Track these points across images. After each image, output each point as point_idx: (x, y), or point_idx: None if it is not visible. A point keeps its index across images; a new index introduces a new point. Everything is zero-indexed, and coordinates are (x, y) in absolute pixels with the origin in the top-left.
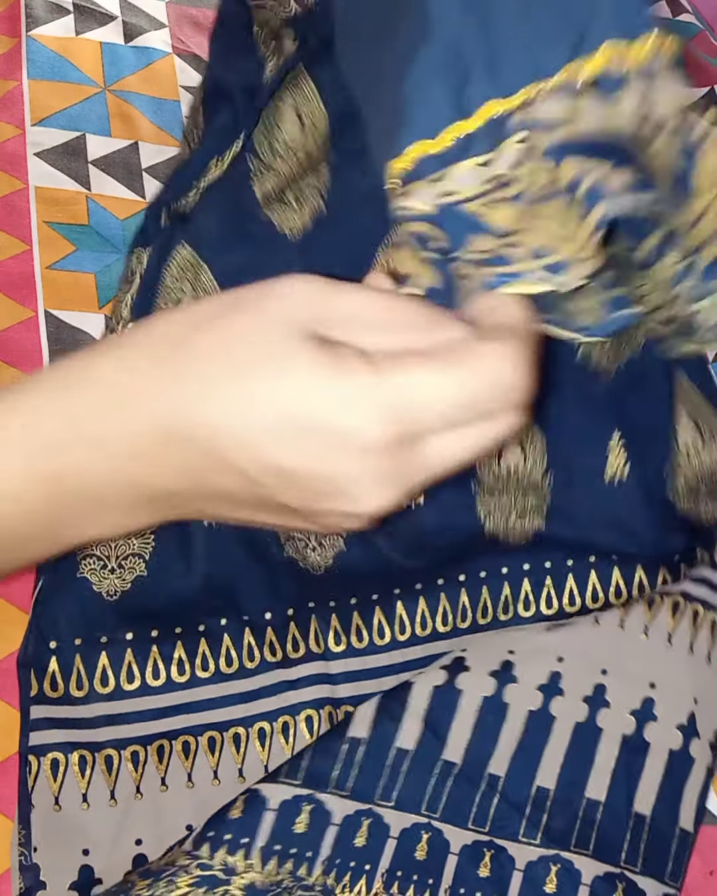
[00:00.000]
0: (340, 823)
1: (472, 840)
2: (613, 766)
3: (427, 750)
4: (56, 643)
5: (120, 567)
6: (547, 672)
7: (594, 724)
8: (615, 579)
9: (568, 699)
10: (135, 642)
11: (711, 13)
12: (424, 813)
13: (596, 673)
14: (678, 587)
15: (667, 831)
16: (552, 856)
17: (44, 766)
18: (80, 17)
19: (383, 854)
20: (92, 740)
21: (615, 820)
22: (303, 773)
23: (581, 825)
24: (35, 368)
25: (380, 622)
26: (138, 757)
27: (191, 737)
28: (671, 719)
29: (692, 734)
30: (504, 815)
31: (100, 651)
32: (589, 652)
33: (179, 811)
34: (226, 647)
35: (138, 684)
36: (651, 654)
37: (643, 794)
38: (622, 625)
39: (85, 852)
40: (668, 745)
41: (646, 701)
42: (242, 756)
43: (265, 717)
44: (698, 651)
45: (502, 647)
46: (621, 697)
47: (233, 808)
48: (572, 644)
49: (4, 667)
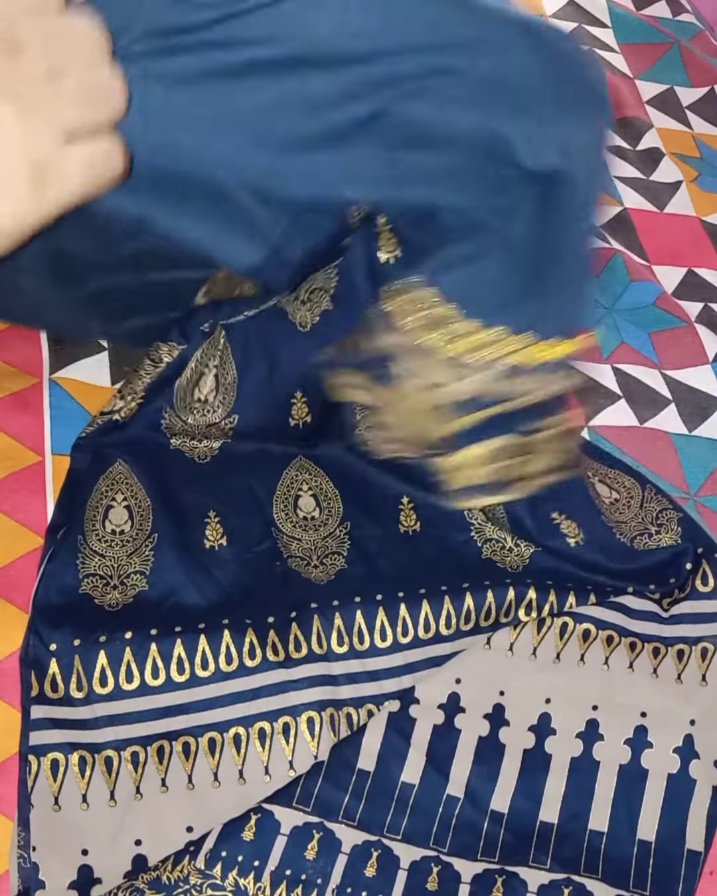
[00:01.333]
0: (349, 853)
1: (483, 869)
2: (612, 795)
3: (431, 784)
4: (56, 646)
5: (122, 584)
6: (537, 714)
7: (591, 758)
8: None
9: (561, 737)
10: (133, 641)
11: (711, 13)
12: (432, 847)
13: (587, 709)
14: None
15: (674, 853)
16: (564, 879)
17: (44, 766)
18: None
19: (394, 885)
20: (92, 741)
21: (620, 848)
22: (314, 801)
23: (587, 854)
24: (34, 372)
25: (383, 624)
26: (138, 758)
27: (191, 737)
28: (666, 744)
29: (691, 756)
30: (512, 846)
31: (98, 650)
32: (577, 690)
33: (179, 812)
34: (226, 645)
35: (138, 684)
36: (639, 687)
37: (646, 820)
38: (607, 662)
39: (84, 852)
40: (666, 769)
41: (638, 729)
42: (242, 758)
43: (266, 717)
44: (687, 679)
45: (493, 687)
46: (613, 730)
47: (246, 829)
48: (559, 683)
49: (4, 667)
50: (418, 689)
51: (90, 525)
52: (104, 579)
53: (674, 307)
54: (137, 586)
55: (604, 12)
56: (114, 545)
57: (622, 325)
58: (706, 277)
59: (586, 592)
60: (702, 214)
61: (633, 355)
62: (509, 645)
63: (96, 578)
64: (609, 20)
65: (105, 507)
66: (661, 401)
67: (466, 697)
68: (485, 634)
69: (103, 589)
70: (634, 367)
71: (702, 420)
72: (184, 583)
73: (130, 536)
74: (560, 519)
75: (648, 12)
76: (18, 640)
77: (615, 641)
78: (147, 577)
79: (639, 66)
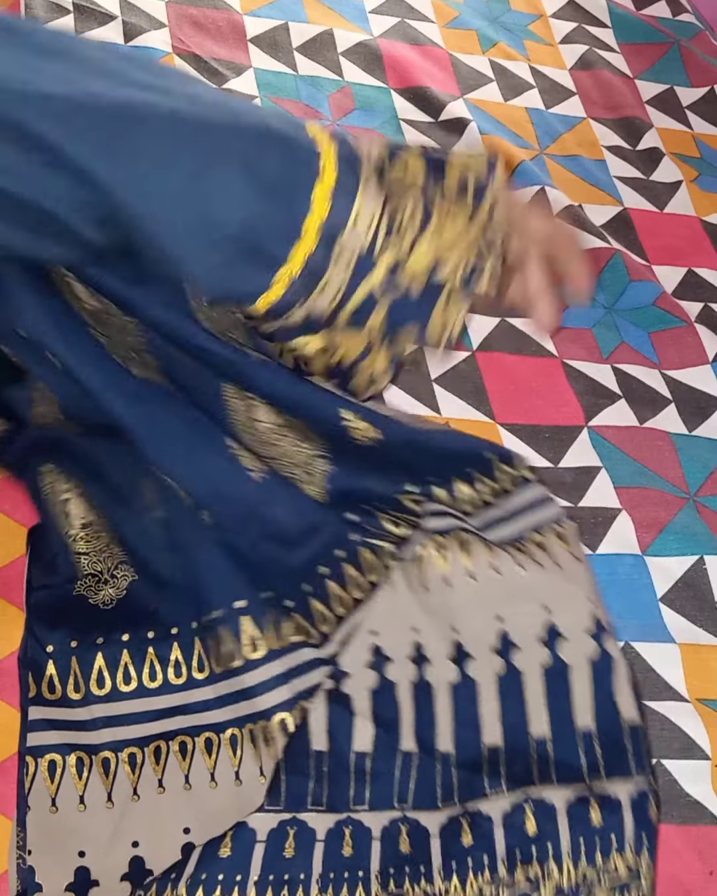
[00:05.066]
0: (324, 839)
1: (447, 818)
2: (545, 699)
3: (384, 747)
4: (53, 647)
5: (113, 577)
6: (451, 642)
7: (514, 669)
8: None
9: (479, 659)
10: (131, 643)
11: (711, 13)
12: (396, 807)
13: (493, 622)
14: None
15: (616, 731)
16: (523, 799)
17: (41, 767)
18: (80, 17)
19: (370, 858)
20: (90, 742)
21: (566, 746)
22: (283, 797)
23: (538, 764)
24: None
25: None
26: (136, 759)
27: (188, 737)
28: (578, 629)
29: (602, 632)
30: (466, 782)
31: (96, 652)
32: (479, 608)
33: (176, 813)
34: (276, 622)
35: (135, 686)
36: (533, 583)
37: (581, 710)
38: (499, 571)
39: (81, 854)
40: (585, 655)
41: (548, 625)
42: (238, 759)
43: (262, 717)
44: (564, 564)
45: (406, 627)
46: (525, 634)
47: (222, 847)
48: (461, 606)
49: (4, 667)
50: (342, 660)
51: (63, 530)
52: (96, 576)
53: (674, 307)
54: (127, 577)
55: (604, 12)
56: (90, 539)
57: (622, 325)
58: (706, 277)
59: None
60: (702, 214)
61: (633, 355)
62: (407, 582)
63: (89, 578)
64: (609, 20)
65: (63, 504)
66: (661, 401)
67: (387, 647)
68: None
69: (96, 587)
70: (634, 367)
71: (702, 420)
72: (164, 562)
73: (99, 525)
74: None
75: (648, 12)
76: (18, 639)
77: (493, 549)
78: (132, 566)
79: (639, 66)
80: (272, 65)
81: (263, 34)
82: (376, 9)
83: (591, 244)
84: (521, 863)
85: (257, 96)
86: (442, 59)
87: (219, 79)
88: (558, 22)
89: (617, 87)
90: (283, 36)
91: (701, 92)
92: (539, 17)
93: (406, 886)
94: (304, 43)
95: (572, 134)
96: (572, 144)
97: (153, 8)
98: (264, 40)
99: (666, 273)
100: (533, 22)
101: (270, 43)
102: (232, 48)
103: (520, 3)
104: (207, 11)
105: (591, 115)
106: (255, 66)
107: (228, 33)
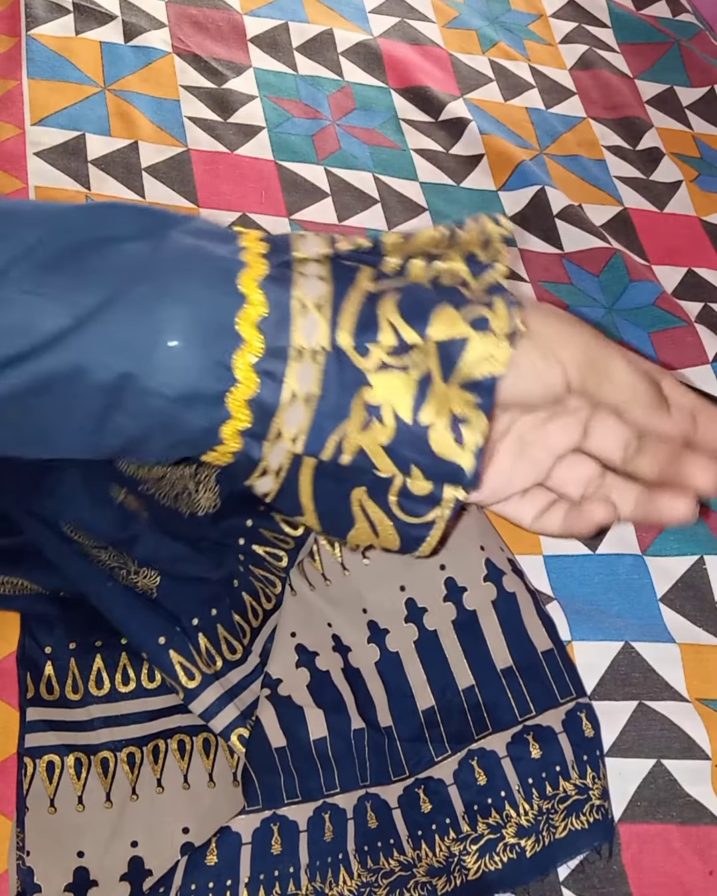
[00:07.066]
0: (307, 828)
1: (403, 788)
2: (461, 651)
3: (337, 730)
4: (51, 648)
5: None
6: (364, 624)
7: (426, 632)
8: None
9: (395, 633)
10: (129, 647)
11: (711, 13)
12: (361, 785)
13: (397, 593)
14: None
15: (535, 664)
16: (467, 754)
17: (39, 768)
18: (79, 17)
19: (347, 839)
20: (88, 743)
21: (492, 690)
22: (260, 797)
23: (471, 715)
24: None
25: None
26: (134, 759)
27: (186, 736)
28: (476, 578)
29: (499, 574)
30: (413, 753)
31: (94, 654)
32: (380, 584)
33: (175, 813)
34: (204, 648)
35: (134, 686)
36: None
37: (497, 651)
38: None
39: (80, 854)
40: (487, 599)
41: (448, 582)
42: (235, 759)
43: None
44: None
45: (321, 624)
46: (429, 596)
47: (208, 854)
48: (365, 586)
49: (4, 667)
50: (271, 668)
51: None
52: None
53: (674, 307)
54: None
55: (604, 12)
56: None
57: (622, 325)
58: (706, 277)
59: None
60: (702, 214)
61: None
62: (309, 582)
63: None
64: (609, 20)
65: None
66: None
67: (309, 644)
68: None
69: None
70: None
71: None
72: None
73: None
74: None
75: (648, 12)
76: (17, 640)
77: None
78: (127, 566)
79: (639, 66)
80: (272, 65)
81: (263, 34)
82: (376, 9)
83: (591, 244)
84: (480, 816)
85: (257, 96)
86: (442, 59)
87: (219, 78)
88: (559, 22)
89: (617, 87)
90: (283, 36)
91: (701, 92)
92: (539, 17)
93: (381, 861)
94: (304, 43)
95: (572, 134)
96: (572, 144)
97: (153, 8)
98: (264, 40)
99: (666, 273)
100: (533, 22)
101: (270, 43)
102: (232, 48)
103: (520, 3)
104: (207, 11)
105: (591, 114)
106: (255, 65)
107: (228, 33)
